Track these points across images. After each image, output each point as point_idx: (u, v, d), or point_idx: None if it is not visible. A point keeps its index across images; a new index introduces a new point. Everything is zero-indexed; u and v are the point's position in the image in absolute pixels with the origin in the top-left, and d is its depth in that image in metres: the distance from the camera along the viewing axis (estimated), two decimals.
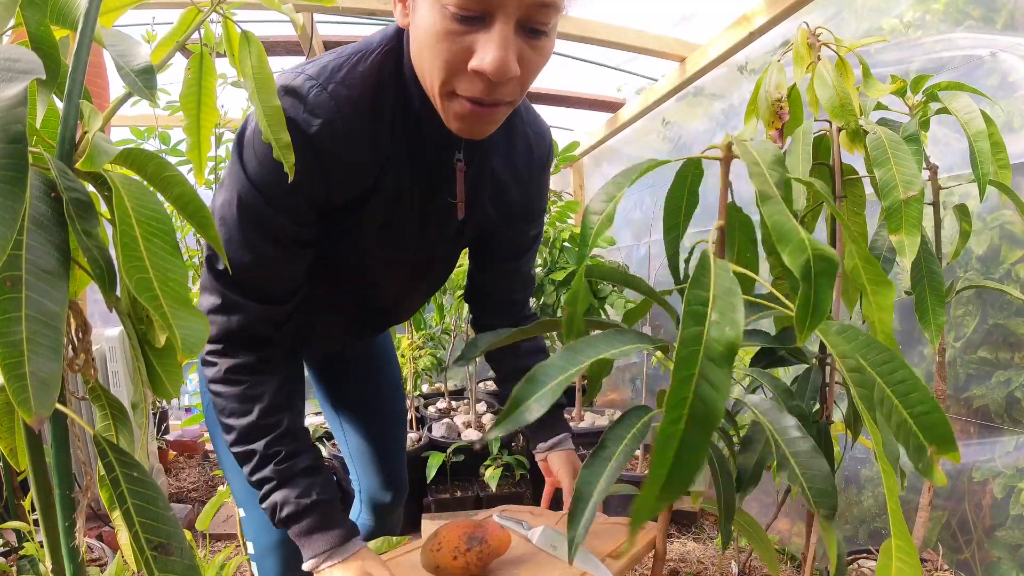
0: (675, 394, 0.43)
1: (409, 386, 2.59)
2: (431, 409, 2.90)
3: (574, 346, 0.58)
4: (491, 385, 3.22)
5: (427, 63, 0.71)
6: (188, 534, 0.95)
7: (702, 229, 0.86)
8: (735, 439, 1.08)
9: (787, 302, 0.61)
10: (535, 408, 0.53)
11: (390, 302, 1.05)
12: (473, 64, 0.67)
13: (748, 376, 0.78)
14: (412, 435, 2.51)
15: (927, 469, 0.57)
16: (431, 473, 2.20)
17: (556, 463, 1.10)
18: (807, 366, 1.06)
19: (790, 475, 0.62)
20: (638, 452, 2.26)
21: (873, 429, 0.57)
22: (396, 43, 0.79)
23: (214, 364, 0.84)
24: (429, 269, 1.01)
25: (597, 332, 0.62)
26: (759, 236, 0.81)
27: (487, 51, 0.66)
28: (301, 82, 0.74)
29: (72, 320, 0.43)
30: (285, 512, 0.83)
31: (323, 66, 0.76)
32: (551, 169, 1.06)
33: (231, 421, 0.84)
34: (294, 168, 0.65)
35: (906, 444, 0.55)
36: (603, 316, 2.25)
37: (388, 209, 0.84)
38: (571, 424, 2.61)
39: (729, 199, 0.71)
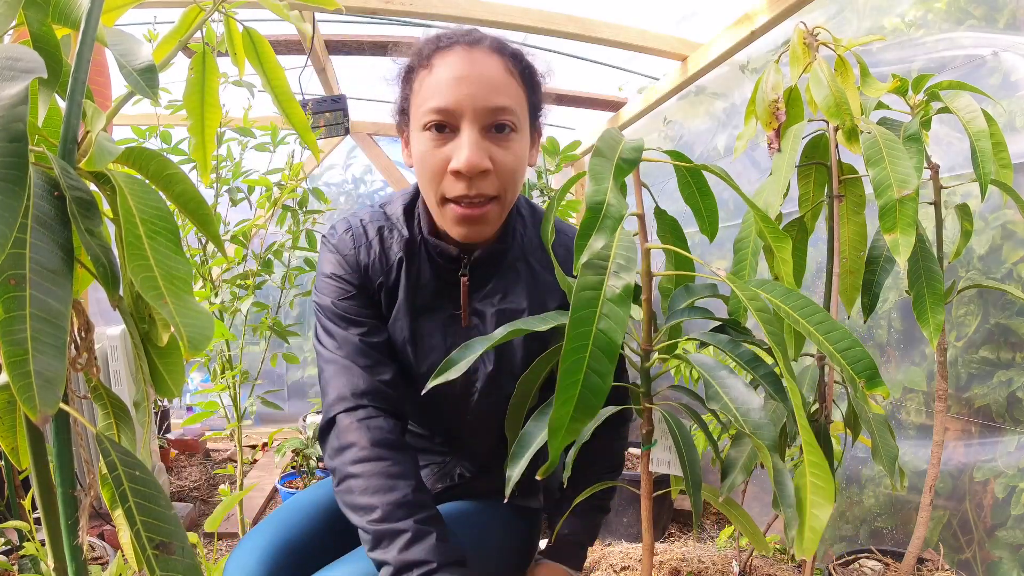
0: (576, 327, 0.55)
1: None
2: None
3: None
4: None
5: (423, 181, 0.87)
6: (195, 537, 0.94)
7: (695, 229, 0.87)
8: (721, 433, 1.09)
9: (716, 272, 0.68)
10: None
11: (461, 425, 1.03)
12: (451, 166, 0.81)
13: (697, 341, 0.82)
14: None
15: (862, 396, 0.67)
16: None
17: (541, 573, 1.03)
18: (806, 365, 1.06)
19: (723, 407, 0.66)
20: (636, 451, 2.26)
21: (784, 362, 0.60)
22: (413, 192, 0.98)
23: (353, 444, 0.86)
24: (470, 391, 0.98)
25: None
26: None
27: (458, 153, 0.81)
28: (342, 224, 0.97)
29: (75, 319, 0.43)
30: None
31: (359, 214, 0.98)
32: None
33: (372, 499, 0.82)
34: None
35: (843, 372, 0.65)
36: None
37: (412, 313, 0.95)
38: None
39: (654, 205, 0.82)
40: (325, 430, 0.91)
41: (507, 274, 0.96)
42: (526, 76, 0.87)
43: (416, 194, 0.97)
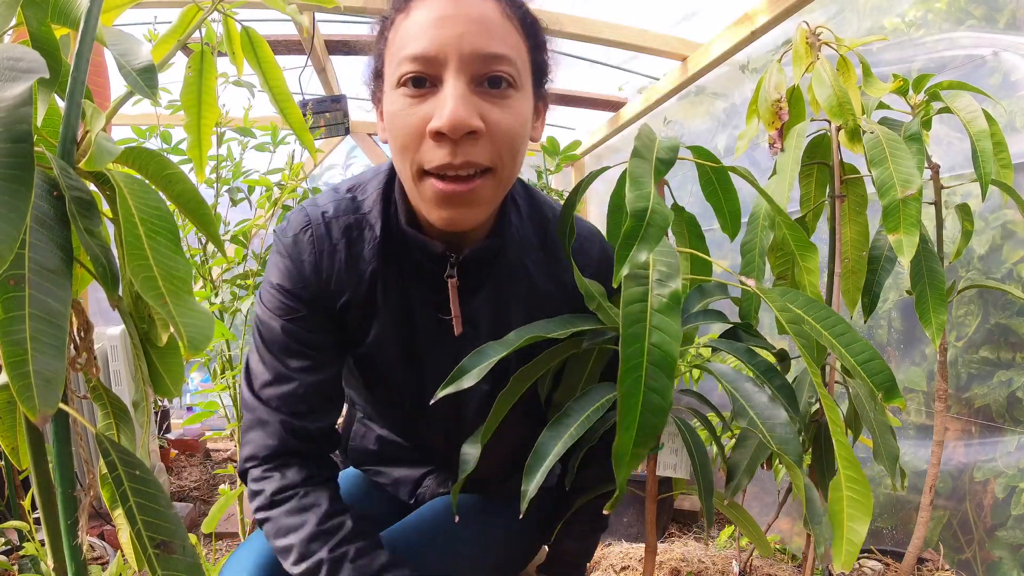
0: (628, 346, 0.51)
1: None
2: None
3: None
4: None
5: (396, 151, 0.69)
6: (194, 538, 0.93)
7: (706, 228, 0.87)
8: (722, 432, 1.08)
9: (739, 277, 0.67)
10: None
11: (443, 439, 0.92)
12: (430, 126, 0.63)
13: (708, 347, 0.81)
14: None
15: (880, 409, 0.70)
16: None
17: None
18: (806, 366, 1.06)
19: (749, 423, 0.65)
20: None
21: (810, 364, 0.63)
22: (388, 171, 0.80)
23: (260, 492, 0.77)
24: (464, 406, 0.87)
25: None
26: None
27: (440, 109, 0.63)
28: (298, 218, 0.78)
29: (74, 319, 0.43)
30: None
31: (321, 204, 0.79)
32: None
33: (287, 540, 0.74)
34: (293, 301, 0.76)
35: (862, 384, 0.65)
36: None
37: (399, 342, 0.81)
38: None
39: (672, 202, 0.79)
40: (242, 477, 0.82)
41: (501, 276, 0.81)
42: (528, 26, 0.70)
43: (394, 173, 0.77)
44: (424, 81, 0.65)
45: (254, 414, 0.78)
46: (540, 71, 0.75)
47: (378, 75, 0.73)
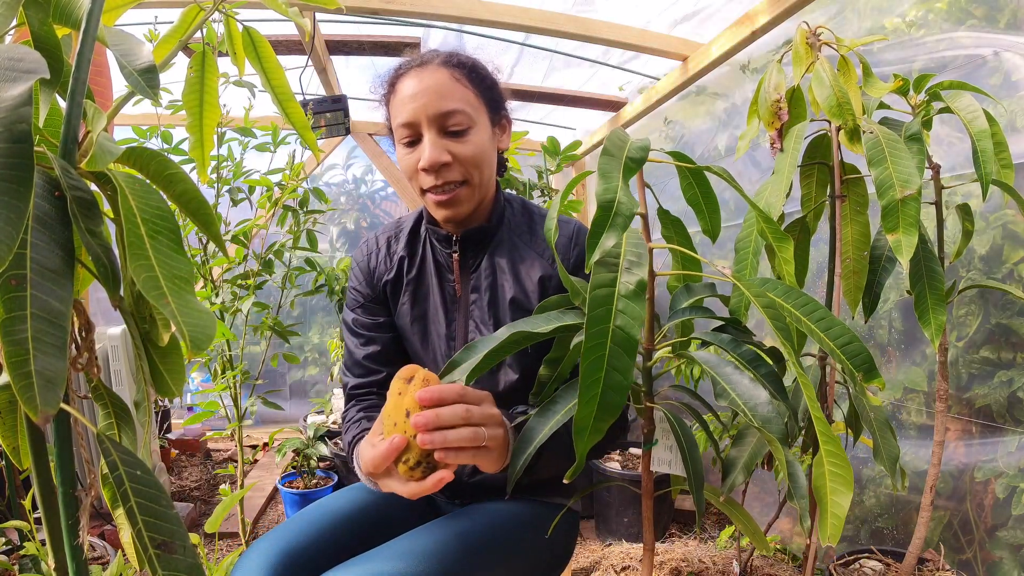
0: (593, 326, 0.56)
1: None
2: None
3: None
4: None
5: (407, 178, 1.04)
6: (196, 537, 0.93)
7: (695, 229, 0.87)
8: (721, 433, 1.08)
9: (723, 271, 0.68)
10: None
11: None
12: (419, 165, 0.98)
13: (698, 340, 0.81)
14: None
15: (861, 390, 0.72)
16: None
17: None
18: (808, 364, 1.06)
19: (731, 403, 0.67)
20: (637, 451, 2.25)
21: (790, 353, 0.65)
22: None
23: (344, 413, 1.11)
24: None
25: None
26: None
27: (423, 154, 0.97)
28: (362, 243, 1.18)
29: (75, 318, 0.43)
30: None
31: (378, 229, 1.20)
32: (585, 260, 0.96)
33: (345, 435, 1.05)
34: (353, 278, 1.16)
35: (842, 367, 0.68)
36: None
37: (414, 298, 1.11)
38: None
39: (657, 205, 0.84)
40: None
41: (495, 252, 1.09)
42: (474, 78, 1.01)
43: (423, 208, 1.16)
44: (413, 141, 0.99)
45: (344, 376, 1.15)
46: (494, 104, 1.04)
47: (390, 130, 1.07)
